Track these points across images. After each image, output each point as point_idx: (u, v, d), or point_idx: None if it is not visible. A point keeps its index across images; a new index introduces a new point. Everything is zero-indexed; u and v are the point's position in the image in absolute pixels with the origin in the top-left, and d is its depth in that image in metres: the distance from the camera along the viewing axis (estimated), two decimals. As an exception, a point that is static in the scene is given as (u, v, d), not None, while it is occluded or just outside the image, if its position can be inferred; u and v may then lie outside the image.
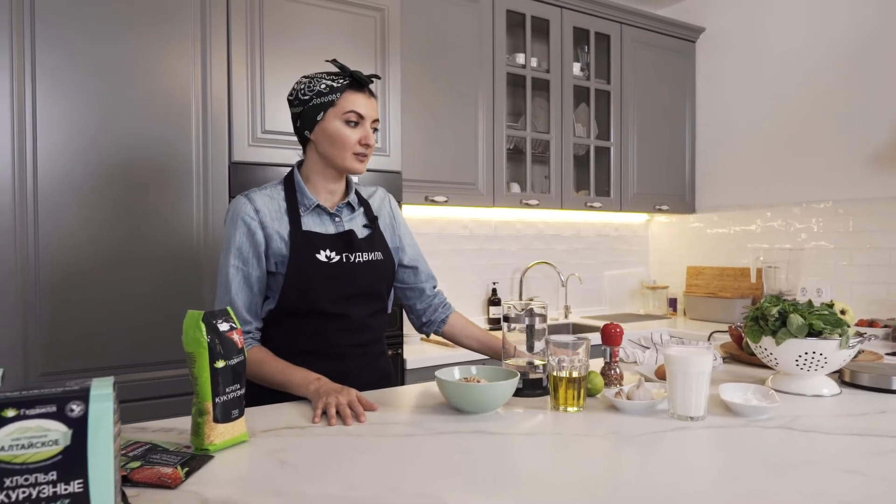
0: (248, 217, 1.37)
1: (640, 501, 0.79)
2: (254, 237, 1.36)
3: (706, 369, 1.15)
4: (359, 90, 1.38)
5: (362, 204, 1.51)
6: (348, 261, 1.40)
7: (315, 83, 1.37)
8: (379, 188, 1.60)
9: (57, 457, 0.55)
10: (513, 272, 3.36)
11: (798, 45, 3.17)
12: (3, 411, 0.53)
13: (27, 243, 1.74)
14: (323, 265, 1.36)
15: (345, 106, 1.36)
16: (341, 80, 1.37)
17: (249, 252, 1.36)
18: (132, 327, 1.88)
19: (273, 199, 1.40)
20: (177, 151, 1.95)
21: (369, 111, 1.39)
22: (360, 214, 1.49)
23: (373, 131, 1.41)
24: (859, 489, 0.83)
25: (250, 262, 1.36)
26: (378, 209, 1.54)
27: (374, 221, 1.50)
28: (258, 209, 1.37)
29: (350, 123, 1.37)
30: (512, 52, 3.11)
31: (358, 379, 1.39)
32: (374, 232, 1.49)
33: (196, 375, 0.97)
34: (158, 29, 1.92)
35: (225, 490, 0.83)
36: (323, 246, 1.38)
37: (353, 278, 1.40)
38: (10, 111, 1.73)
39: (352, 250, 1.41)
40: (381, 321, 1.52)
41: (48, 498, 0.55)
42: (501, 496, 0.81)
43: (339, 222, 1.44)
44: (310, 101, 1.37)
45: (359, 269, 1.41)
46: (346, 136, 1.36)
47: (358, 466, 0.92)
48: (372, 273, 1.44)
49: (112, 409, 0.58)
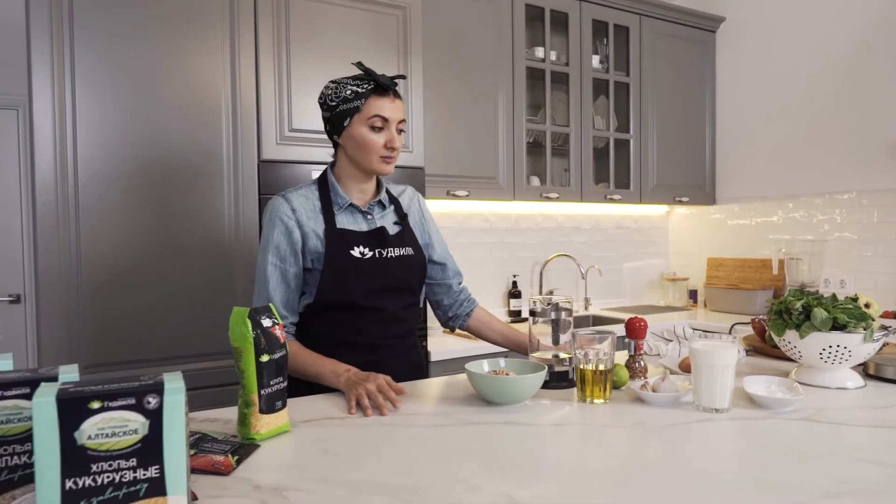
0: (286, 216, 1.42)
1: (666, 488, 0.83)
2: (291, 235, 1.42)
3: (731, 362, 1.18)
4: (383, 94, 1.41)
5: (392, 202, 1.56)
6: (381, 256, 1.45)
7: (341, 89, 1.42)
8: (408, 187, 1.65)
9: (136, 445, 0.60)
10: (533, 265, 3.39)
11: (819, 33, 3.15)
12: (90, 403, 0.58)
13: (69, 241, 1.81)
14: (357, 261, 1.42)
15: (370, 111, 1.40)
16: (366, 86, 1.41)
17: (287, 250, 1.42)
18: (168, 320, 1.94)
19: (308, 198, 1.46)
20: (208, 150, 2.01)
21: (394, 114, 1.42)
22: (390, 212, 1.54)
23: (399, 132, 1.45)
24: (880, 479, 0.86)
25: (287, 259, 1.42)
26: (407, 207, 1.59)
27: (404, 219, 1.55)
28: (295, 209, 1.43)
29: (375, 128, 1.41)
30: (531, 46, 3.13)
31: (391, 370, 1.43)
32: (405, 228, 1.53)
33: (242, 369, 1.03)
34: (189, 30, 1.97)
35: (274, 476, 0.88)
36: (357, 242, 1.43)
37: (386, 273, 1.45)
38: (52, 113, 1.79)
39: (384, 246, 1.46)
40: (413, 314, 1.57)
41: (129, 482, 0.60)
42: (532, 483, 0.86)
43: (371, 220, 1.49)
44: (337, 108, 1.42)
45: (391, 263, 1.46)
46: (371, 141, 1.41)
47: (395, 455, 0.96)
48: (404, 267, 1.49)
49: (183, 401, 0.63)
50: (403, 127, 1.47)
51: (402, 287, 1.50)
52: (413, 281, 1.53)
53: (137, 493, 0.60)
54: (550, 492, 0.83)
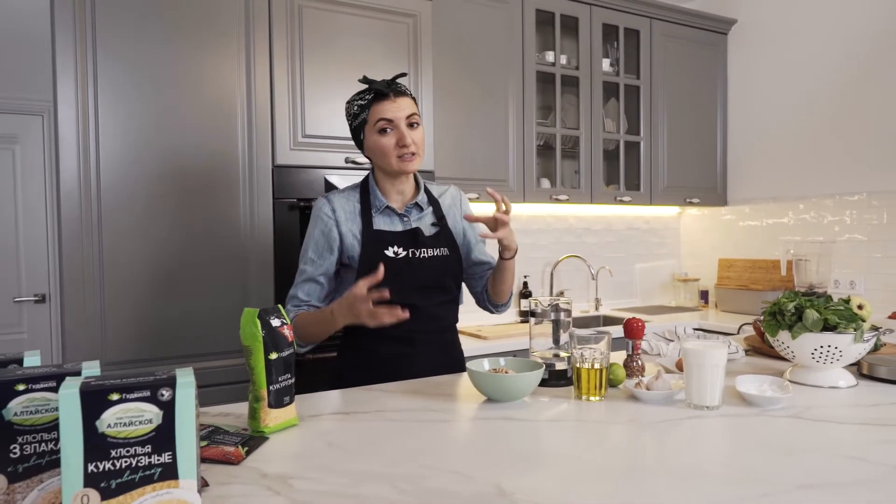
0: (326, 216, 1.53)
1: (655, 479, 0.88)
2: (329, 235, 1.52)
3: (721, 362, 1.22)
4: (383, 98, 1.48)
5: (432, 203, 1.62)
6: (414, 256, 1.52)
7: (351, 107, 1.52)
8: (451, 186, 1.70)
9: (151, 433, 0.67)
10: (544, 265, 3.43)
11: (831, 35, 3.15)
12: (109, 395, 0.65)
13: (92, 244, 1.90)
14: (391, 259, 1.49)
15: (374, 118, 1.48)
16: (368, 96, 1.49)
17: (324, 246, 1.53)
18: (185, 320, 2.02)
19: (349, 200, 1.55)
20: (224, 156, 2.09)
21: (397, 112, 1.47)
22: (428, 213, 1.60)
23: (412, 126, 1.49)
24: (853, 473, 0.90)
25: (323, 255, 1.53)
26: (448, 207, 1.65)
27: (442, 220, 1.60)
28: (335, 209, 1.53)
29: (383, 131, 1.48)
30: (541, 51, 3.17)
31: (428, 362, 1.54)
32: (442, 230, 1.59)
33: (252, 366, 1.09)
34: (206, 40, 2.05)
35: (281, 466, 0.95)
36: (391, 242, 1.51)
37: (419, 271, 1.52)
38: (76, 121, 1.88)
39: (417, 246, 1.53)
40: (449, 311, 1.63)
41: (145, 467, 0.66)
42: (522, 473, 0.91)
43: (407, 221, 1.57)
44: (353, 125, 1.53)
45: (425, 263, 1.53)
46: (383, 145, 1.48)
47: (397, 447, 1.02)
48: (437, 266, 1.55)
49: (193, 395, 0.69)
50: (416, 120, 1.50)
51: (436, 285, 1.56)
52: (446, 280, 1.59)
53: (152, 476, 0.67)
54: (538, 482, 0.88)
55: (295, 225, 2.19)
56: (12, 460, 0.70)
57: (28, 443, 0.71)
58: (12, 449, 0.70)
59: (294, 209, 2.18)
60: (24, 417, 0.70)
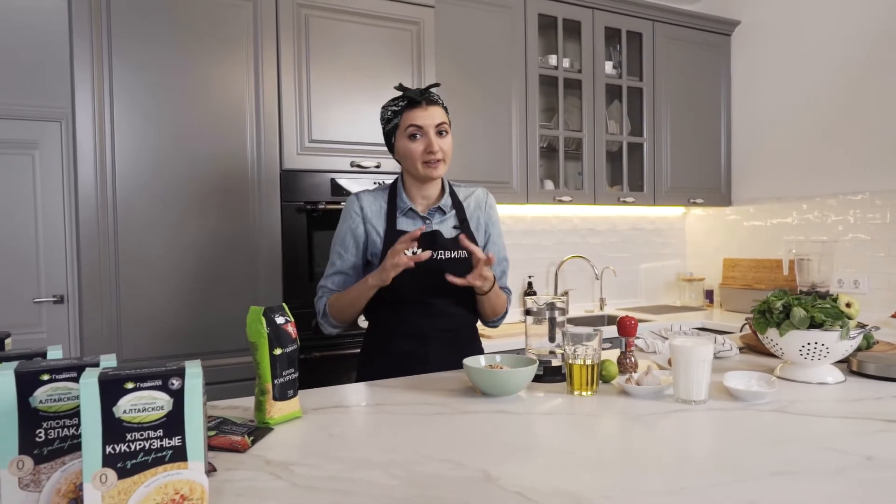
0: (355, 213, 1.63)
1: (637, 466, 0.93)
2: (355, 232, 1.62)
3: (707, 358, 1.27)
4: (415, 106, 1.56)
5: (455, 207, 1.68)
6: (433, 257, 1.57)
7: (384, 112, 1.61)
8: (478, 189, 1.76)
9: (163, 419, 0.73)
10: (548, 266, 3.48)
11: (833, 35, 3.17)
12: (125, 384, 0.71)
13: (108, 247, 1.98)
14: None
15: (405, 123, 1.56)
16: (401, 103, 1.57)
17: (350, 241, 1.62)
18: (196, 319, 2.10)
19: (377, 200, 1.64)
20: (234, 160, 2.16)
21: (427, 120, 1.55)
22: (451, 217, 1.67)
23: (441, 134, 1.57)
24: (826, 461, 0.94)
25: (349, 249, 1.63)
26: (473, 210, 1.71)
27: (464, 223, 1.67)
28: (363, 207, 1.63)
29: (413, 137, 1.56)
30: (544, 54, 3.22)
31: (439, 359, 1.60)
32: (463, 233, 1.65)
33: (258, 361, 1.16)
34: (216, 50, 2.13)
35: (283, 454, 1.01)
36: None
37: (437, 272, 1.57)
38: (93, 129, 1.96)
39: (436, 248, 1.59)
40: (467, 311, 1.68)
41: (157, 449, 0.73)
42: (510, 461, 0.96)
43: (429, 223, 1.64)
44: (385, 129, 1.62)
45: (443, 265, 1.59)
46: (412, 150, 1.56)
47: (394, 438, 1.08)
48: (455, 269, 1.60)
49: (201, 384, 0.75)
50: (445, 129, 1.59)
51: (454, 288, 1.60)
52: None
53: (163, 458, 0.73)
54: (524, 468, 0.93)
55: (302, 227, 2.25)
56: (38, 444, 0.77)
57: (52, 428, 0.77)
58: (38, 433, 0.77)
59: (301, 212, 2.25)
60: (49, 405, 0.77)
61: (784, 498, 0.81)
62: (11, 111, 3.32)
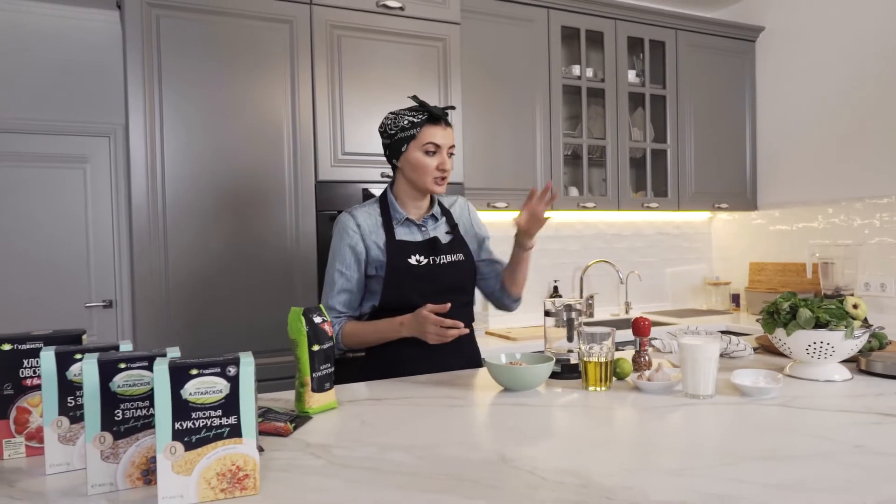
0: (352, 231, 1.68)
1: (643, 450, 1.03)
2: (355, 248, 1.68)
3: (713, 355, 1.35)
4: (436, 123, 1.65)
5: (444, 213, 1.79)
6: (434, 262, 1.69)
7: (399, 119, 1.66)
8: (459, 197, 1.88)
9: (221, 400, 0.85)
10: (574, 270, 3.56)
11: (858, 40, 3.19)
12: (190, 370, 0.84)
13: (159, 255, 2.14)
14: (414, 267, 1.67)
15: (424, 138, 1.64)
16: (420, 116, 1.65)
17: (351, 259, 1.68)
18: (239, 321, 2.25)
19: (371, 214, 1.71)
20: (272, 173, 2.31)
21: (445, 140, 1.66)
22: (442, 223, 1.78)
23: (449, 156, 1.68)
24: (818, 448, 1.02)
25: (351, 267, 1.68)
26: (458, 216, 1.82)
27: (455, 228, 1.78)
28: (359, 224, 1.69)
29: (429, 153, 1.65)
30: (568, 64, 3.31)
31: (444, 362, 1.69)
32: (455, 237, 1.77)
33: (298, 356, 1.28)
34: (256, 69, 2.28)
35: (321, 438, 1.13)
36: (413, 251, 1.68)
37: (440, 276, 1.69)
38: (144, 145, 2.13)
39: (436, 253, 1.70)
40: (467, 313, 1.78)
41: (217, 426, 0.85)
42: (524, 445, 1.06)
43: (426, 231, 1.74)
44: (396, 135, 1.66)
45: (444, 268, 1.70)
46: (426, 164, 1.65)
47: (419, 426, 1.19)
48: (455, 271, 1.72)
49: (253, 371, 0.88)
50: (453, 151, 1.70)
51: (456, 288, 1.73)
52: (465, 282, 1.76)
53: (222, 433, 0.85)
54: (537, 452, 1.03)
55: (336, 234, 2.39)
56: (116, 422, 0.90)
57: (128, 409, 0.91)
58: (116, 413, 0.90)
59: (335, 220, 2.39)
60: (125, 389, 0.90)
61: (768, 478, 0.90)
62: (64, 127, 3.55)
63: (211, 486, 0.85)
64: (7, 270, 3.45)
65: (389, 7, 2.47)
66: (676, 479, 0.90)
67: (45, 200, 3.54)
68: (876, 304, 3.10)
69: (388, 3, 2.46)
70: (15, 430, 1.07)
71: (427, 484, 0.91)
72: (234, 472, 0.86)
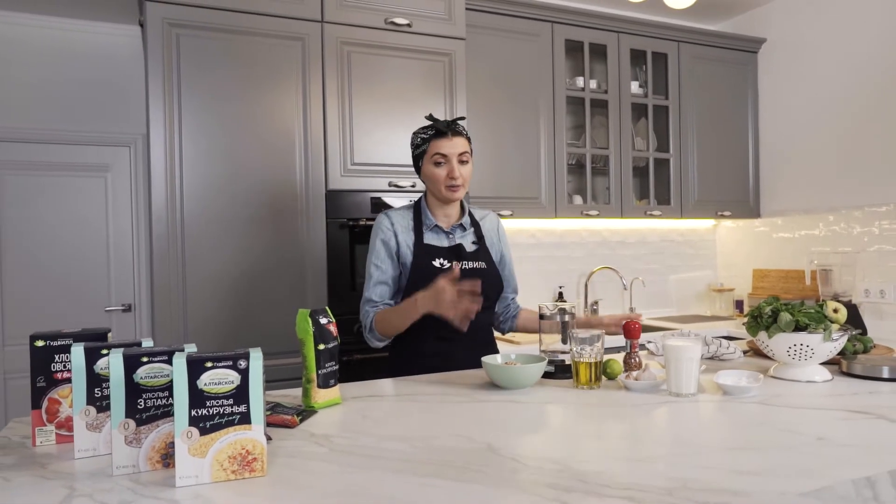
0: (386, 228, 1.83)
1: (620, 441, 1.11)
2: (388, 244, 1.82)
3: (695, 356, 1.43)
4: (442, 136, 1.78)
5: (473, 224, 1.91)
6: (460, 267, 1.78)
7: (414, 138, 1.83)
8: (490, 212, 2.01)
9: (233, 391, 0.95)
10: (578, 276, 3.63)
11: (858, 50, 3.25)
12: (205, 363, 0.94)
13: (177, 262, 2.26)
14: (437, 270, 1.78)
15: (432, 151, 1.78)
16: (429, 132, 1.79)
17: (384, 254, 1.82)
18: (251, 324, 2.36)
19: (405, 217, 1.85)
20: (284, 183, 2.42)
21: (452, 149, 1.77)
22: (470, 233, 1.90)
23: (462, 163, 1.79)
24: (783, 440, 1.10)
25: (385, 261, 1.82)
26: (488, 229, 1.95)
27: (481, 239, 1.90)
28: (393, 223, 1.83)
29: (438, 164, 1.77)
30: (572, 76, 3.40)
31: (462, 359, 1.80)
32: (480, 248, 1.88)
33: (305, 354, 1.38)
34: (269, 83, 2.40)
35: (325, 430, 1.22)
36: (438, 255, 1.80)
37: (460, 281, 1.78)
38: (164, 156, 2.25)
39: (460, 259, 1.81)
40: (486, 317, 1.89)
41: (229, 414, 0.95)
42: (512, 438, 1.15)
43: (452, 238, 1.86)
44: (414, 153, 1.84)
45: (466, 274, 1.80)
46: (436, 175, 1.78)
47: (418, 420, 1.28)
48: (476, 277, 1.80)
49: (261, 365, 0.97)
50: (466, 158, 1.80)
51: (475, 293, 1.81)
52: (486, 289, 1.83)
53: (233, 420, 0.95)
54: (522, 442, 1.12)
55: (345, 241, 2.50)
56: (139, 410, 1.00)
57: (149, 398, 1.01)
58: (139, 402, 1.00)
59: (344, 228, 2.49)
60: (147, 380, 1.01)
61: (732, 465, 0.98)
62: (86, 137, 3.70)
63: (223, 468, 0.95)
64: (31, 274, 3.60)
65: (397, 24, 2.58)
66: (647, 465, 0.98)
67: (68, 207, 3.69)
68: (875, 311, 3.14)
69: (396, 20, 2.57)
70: (46, 419, 1.17)
71: (419, 469, 1.00)
72: (244, 456, 0.96)
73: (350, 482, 0.94)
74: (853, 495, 0.92)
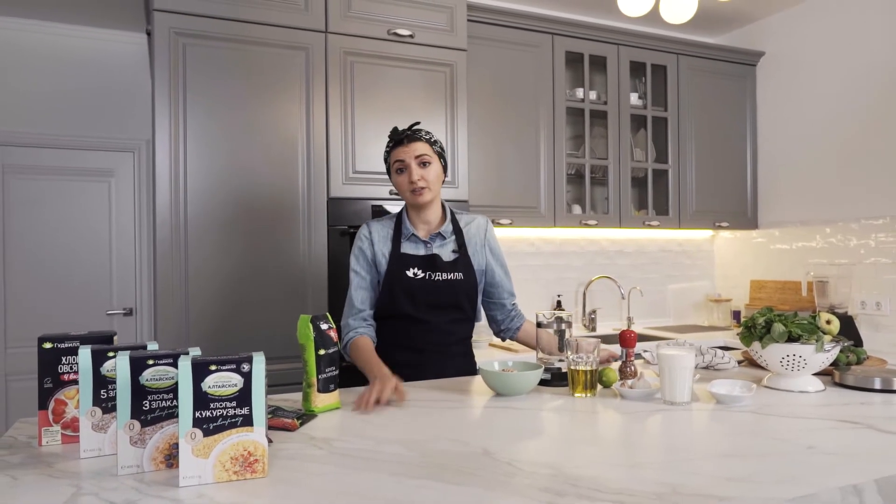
0: (364, 237, 1.86)
1: (614, 447, 1.13)
2: (365, 252, 1.85)
3: (689, 365, 1.45)
4: (399, 144, 1.81)
5: (456, 233, 1.89)
6: (430, 278, 1.81)
7: (384, 154, 1.86)
8: (479, 217, 1.97)
9: (236, 393, 0.98)
10: (577, 285, 3.66)
11: (855, 64, 3.29)
12: (210, 366, 0.97)
13: (180, 266, 2.29)
14: (410, 279, 1.80)
15: (392, 160, 1.82)
16: (390, 144, 1.83)
17: (363, 261, 1.85)
18: (253, 329, 2.38)
19: (385, 227, 1.87)
20: (287, 190, 2.45)
21: (408, 155, 1.78)
22: (450, 242, 1.88)
23: (423, 165, 1.78)
24: (767, 447, 1.12)
25: (364, 267, 1.85)
26: (472, 235, 1.92)
27: (462, 248, 1.88)
28: (371, 232, 1.86)
29: (399, 171, 1.81)
30: (572, 87, 3.44)
31: (434, 370, 1.81)
32: (461, 257, 1.87)
33: (306, 359, 1.41)
34: (273, 91, 2.43)
35: (325, 433, 1.25)
36: (412, 265, 1.81)
37: (435, 292, 1.81)
38: (169, 162, 2.28)
39: (434, 270, 1.82)
40: (460, 327, 1.90)
41: (232, 416, 0.98)
42: (507, 442, 1.18)
43: (430, 247, 1.86)
44: (386, 168, 1.87)
45: (440, 285, 1.82)
46: (399, 182, 1.82)
47: (414, 424, 1.31)
48: (451, 289, 1.83)
49: (264, 369, 1.00)
50: (427, 160, 1.78)
51: (449, 304, 1.84)
52: (462, 301, 1.86)
53: (236, 422, 0.98)
54: (517, 447, 1.14)
55: (346, 249, 2.52)
56: (144, 411, 1.03)
57: (154, 400, 1.03)
58: (144, 403, 1.03)
59: (345, 235, 2.52)
60: (152, 382, 1.03)
61: (720, 471, 1.00)
62: (91, 143, 3.74)
63: (225, 469, 0.98)
64: (34, 277, 3.63)
65: (400, 35, 2.62)
66: (637, 471, 1.01)
67: (72, 212, 3.72)
68: (871, 323, 3.17)
69: (399, 31, 2.61)
70: (52, 419, 1.20)
71: (415, 471, 1.02)
72: (246, 457, 0.98)
73: (348, 484, 0.97)
74: (839, 502, 0.94)
